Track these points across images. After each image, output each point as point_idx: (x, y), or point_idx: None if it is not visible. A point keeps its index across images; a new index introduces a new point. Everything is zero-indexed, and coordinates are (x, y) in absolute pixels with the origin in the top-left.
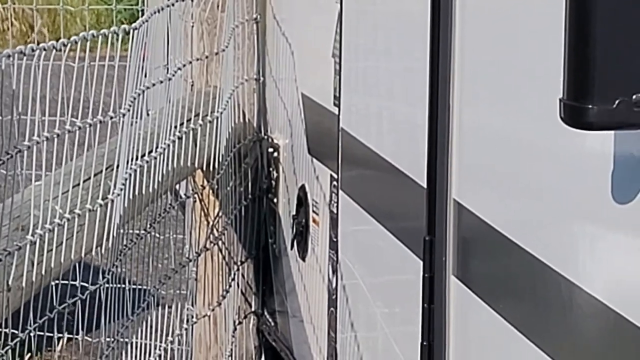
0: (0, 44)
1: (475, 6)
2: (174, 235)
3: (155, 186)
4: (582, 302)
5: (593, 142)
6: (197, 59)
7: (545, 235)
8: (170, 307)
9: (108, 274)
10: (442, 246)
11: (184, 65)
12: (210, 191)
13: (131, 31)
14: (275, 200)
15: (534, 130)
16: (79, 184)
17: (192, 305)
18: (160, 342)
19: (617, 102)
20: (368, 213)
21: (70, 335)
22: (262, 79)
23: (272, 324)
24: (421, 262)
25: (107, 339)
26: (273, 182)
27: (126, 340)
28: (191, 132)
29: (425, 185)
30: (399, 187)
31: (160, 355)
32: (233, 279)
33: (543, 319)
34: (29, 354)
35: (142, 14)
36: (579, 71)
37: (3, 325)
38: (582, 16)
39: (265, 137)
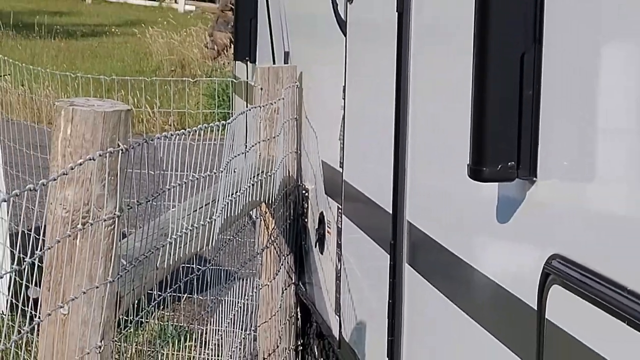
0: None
1: None
2: (250, 240)
3: (239, 212)
4: None
5: None
6: (263, 140)
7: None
8: (247, 280)
9: (213, 261)
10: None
11: (257, 143)
12: (269, 214)
13: (227, 125)
14: (306, 220)
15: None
16: (196, 210)
17: (259, 279)
18: (241, 300)
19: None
20: (358, 227)
21: (190, 295)
22: (299, 152)
23: (304, 290)
24: (388, 255)
25: (211, 298)
26: (305, 210)
27: (221, 298)
28: (259, 182)
29: (390, 211)
30: (372, 212)
31: (240, 307)
32: (282, 264)
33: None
34: (164, 307)
35: (231, 115)
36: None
37: (154, 289)
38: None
39: (301, 185)
